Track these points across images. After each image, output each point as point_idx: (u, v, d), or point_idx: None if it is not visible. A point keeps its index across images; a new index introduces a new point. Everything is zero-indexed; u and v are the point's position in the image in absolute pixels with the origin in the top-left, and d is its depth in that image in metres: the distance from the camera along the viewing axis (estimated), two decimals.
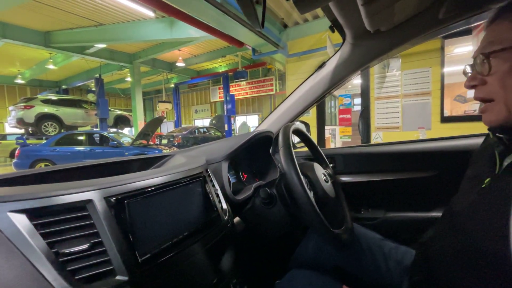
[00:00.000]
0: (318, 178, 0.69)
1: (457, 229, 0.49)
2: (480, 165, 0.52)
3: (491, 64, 0.41)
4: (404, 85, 3.62)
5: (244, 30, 4.18)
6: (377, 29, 0.76)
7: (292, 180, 0.56)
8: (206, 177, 0.60)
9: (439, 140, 0.98)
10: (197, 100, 14.63)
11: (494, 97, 0.42)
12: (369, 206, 1.05)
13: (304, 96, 1.03)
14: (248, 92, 10.61)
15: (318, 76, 0.98)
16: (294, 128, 0.74)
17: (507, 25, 0.40)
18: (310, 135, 1.23)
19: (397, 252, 0.68)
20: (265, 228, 0.75)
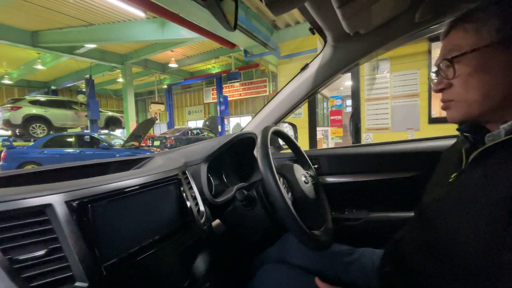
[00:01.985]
0: (297, 179, 0.69)
1: (425, 224, 0.51)
2: (449, 162, 0.55)
3: (455, 68, 0.44)
4: (393, 86, 3.68)
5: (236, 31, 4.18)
6: (356, 31, 0.77)
7: (268, 182, 0.56)
8: (182, 179, 0.60)
9: (420, 141, 1.00)
10: (190, 101, 14.54)
11: (456, 98, 0.45)
12: (352, 207, 1.06)
13: (288, 97, 1.03)
14: (241, 93, 10.61)
15: (302, 78, 0.99)
16: (274, 129, 0.74)
17: (461, 33, 0.44)
18: (296, 137, 1.25)
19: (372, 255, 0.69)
20: (245, 230, 0.74)
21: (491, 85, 0.41)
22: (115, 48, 8.07)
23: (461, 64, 0.43)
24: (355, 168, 1.05)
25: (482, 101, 0.42)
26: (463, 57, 0.43)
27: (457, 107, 0.46)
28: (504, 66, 0.40)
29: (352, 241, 0.89)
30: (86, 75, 8.60)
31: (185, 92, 14.43)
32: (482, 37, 0.41)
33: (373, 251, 0.72)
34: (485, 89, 0.42)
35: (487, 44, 0.41)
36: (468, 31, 0.43)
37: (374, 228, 0.98)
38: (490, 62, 0.41)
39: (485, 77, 0.41)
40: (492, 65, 0.41)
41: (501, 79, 0.41)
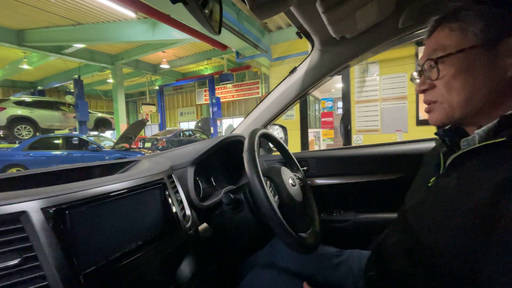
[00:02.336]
0: (284, 182, 0.69)
1: (406, 227, 0.51)
2: (429, 166, 0.55)
3: (439, 69, 0.43)
4: (382, 89, 3.76)
5: (227, 33, 4.18)
6: (342, 36, 0.79)
7: (254, 185, 0.56)
8: (168, 183, 0.59)
9: (407, 143, 1.02)
10: (182, 102, 14.41)
11: (439, 99, 0.45)
12: (341, 208, 1.07)
13: (277, 100, 1.04)
14: (234, 94, 10.59)
15: (291, 81, 1.00)
16: (262, 132, 0.74)
17: (446, 32, 0.43)
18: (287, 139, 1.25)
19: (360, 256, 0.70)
20: (233, 233, 0.74)
21: (474, 88, 0.41)
22: (105, 48, 7.92)
23: (445, 65, 0.43)
24: (344, 170, 1.07)
25: (464, 104, 0.42)
26: (447, 58, 0.42)
27: (439, 109, 0.45)
28: (487, 69, 0.40)
29: (340, 242, 0.90)
30: (75, 75, 8.40)
31: (177, 93, 14.29)
32: (467, 37, 0.40)
33: (361, 252, 0.73)
34: (468, 92, 0.41)
35: (471, 45, 0.40)
36: (454, 30, 0.42)
37: (362, 230, 0.99)
38: (473, 64, 0.40)
39: (468, 79, 0.41)
40: (476, 67, 0.40)
41: (484, 82, 0.40)
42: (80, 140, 5.69)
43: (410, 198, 0.56)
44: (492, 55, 0.39)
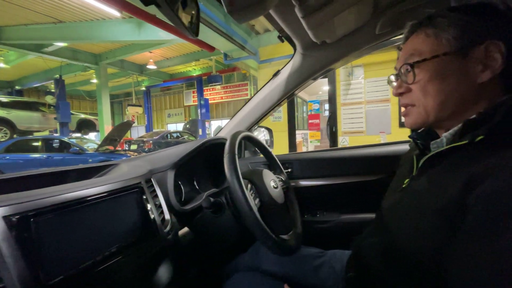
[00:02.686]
0: (266, 184, 0.70)
1: (382, 228, 0.52)
2: (404, 167, 0.57)
3: (415, 73, 0.44)
4: (367, 92, 3.87)
5: (215, 34, 4.16)
6: (323, 40, 0.80)
7: (234, 188, 0.56)
8: (145, 187, 0.58)
9: (388, 145, 1.05)
10: (170, 103, 14.18)
11: (416, 103, 0.46)
12: (324, 209, 1.09)
13: (261, 102, 1.04)
14: (223, 96, 10.55)
15: (274, 84, 1.00)
16: (244, 135, 0.74)
17: (422, 38, 0.45)
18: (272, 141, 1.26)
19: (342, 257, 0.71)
20: (214, 237, 0.73)
21: (447, 92, 0.42)
22: (89, 47, 7.68)
23: (420, 69, 0.44)
24: (328, 172, 1.08)
25: (438, 108, 0.43)
26: (423, 63, 0.43)
27: (415, 112, 0.46)
28: (459, 75, 0.41)
29: (323, 243, 0.91)
30: (56, 75, 8.07)
31: (165, 94, 14.05)
32: (441, 43, 0.42)
33: (343, 252, 0.74)
34: (442, 96, 0.42)
35: (445, 51, 0.41)
36: (429, 36, 0.44)
37: (344, 230, 1.01)
38: (447, 70, 0.42)
39: (442, 84, 0.42)
40: (449, 73, 0.42)
41: (456, 87, 0.42)
42: (61, 143, 5.47)
43: (387, 199, 0.58)
44: (463, 61, 0.41)
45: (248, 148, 1.26)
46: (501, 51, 0.39)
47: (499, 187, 0.32)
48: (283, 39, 0.83)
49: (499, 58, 0.39)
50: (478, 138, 0.37)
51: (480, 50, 0.40)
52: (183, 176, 0.84)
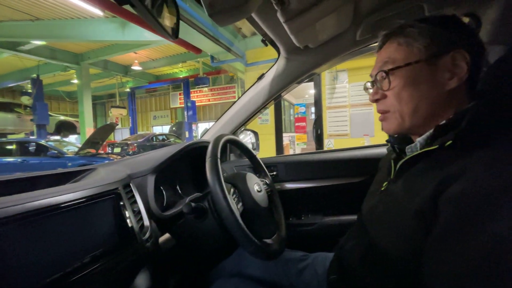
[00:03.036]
0: (249, 188, 0.69)
1: (361, 230, 0.53)
2: (383, 171, 0.59)
3: (390, 80, 0.46)
4: (351, 96, 3.98)
5: (201, 37, 4.14)
6: (306, 45, 0.82)
7: (216, 193, 0.55)
8: (123, 193, 0.55)
9: (369, 148, 1.08)
10: (155, 105, 13.88)
11: (391, 109, 0.48)
12: (309, 212, 1.10)
13: (246, 106, 1.04)
14: (210, 98, 10.46)
15: (259, 87, 1.01)
16: (227, 138, 0.73)
17: (395, 46, 0.47)
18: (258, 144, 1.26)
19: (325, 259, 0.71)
20: (197, 243, 0.71)
21: (419, 99, 0.44)
22: (69, 46, 7.37)
23: (395, 76, 0.46)
24: (313, 174, 1.10)
25: (412, 114, 0.45)
26: (397, 70, 0.45)
27: (392, 118, 0.48)
28: (429, 83, 0.43)
29: (308, 246, 0.92)
30: (33, 74, 7.68)
31: (150, 96, 13.75)
32: (413, 52, 0.44)
33: (326, 255, 0.74)
34: (415, 103, 0.44)
35: (416, 60, 0.43)
36: (402, 44, 0.46)
37: (328, 232, 1.02)
38: (419, 77, 0.44)
39: (414, 91, 0.44)
40: (420, 80, 0.44)
41: (427, 94, 0.44)
42: (38, 146, 5.19)
43: (366, 202, 0.59)
44: (433, 69, 0.43)
45: (233, 151, 1.25)
46: (466, 60, 0.41)
47: (466, 189, 0.33)
48: (266, 43, 0.84)
49: (465, 67, 0.41)
50: (447, 143, 0.39)
51: (448, 59, 0.42)
52: (165, 181, 0.81)
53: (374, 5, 0.69)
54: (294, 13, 0.60)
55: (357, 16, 0.73)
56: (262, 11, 0.63)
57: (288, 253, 0.77)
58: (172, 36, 0.45)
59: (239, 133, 1.18)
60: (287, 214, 1.11)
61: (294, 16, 0.60)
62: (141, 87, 11.36)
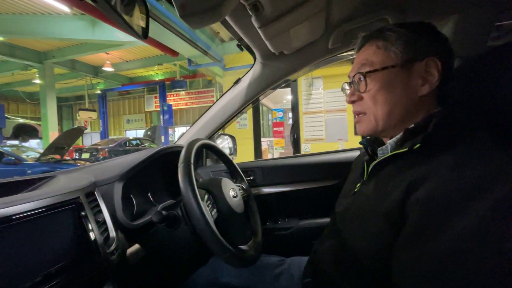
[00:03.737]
0: (224, 194, 0.68)
1: (335, 232, 0.54)
2: (355, 172, 0.60)
3: (367, 83, 0.47)
4: (326, 102, 4.13)
5: (178, 39, 4.05)
6: (281, 51, 0.83)
7: (188, 199, 0.53)
8: (85, 203, 0.51)
9: (343, 152, 1.12)
10: (129, 109, 13.26)
11: (367, 111, 0.49)
12: (285, 216, 1.10)
13: (222, 110, 1.03)
14: (188, 102, 10.24)
15: (235, 91, 1.00)
16: (202, 143, 0.72)
17: (374, 49, 0.48)
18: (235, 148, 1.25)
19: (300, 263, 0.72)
20: (170, 252, 0.68)
21: (394, 103, 0.45)
22: (31, 43, 6.80)
23: (371, 79, 0.46)
24: (289, 178, 1.11)
25: (386, 117, 0.46)
26: (374, 73, 0.46)
27: (366, 120, 0.49)
28: (403, 87, 0.44)
29: (284, 250, 0.92)
30: None
31: (123, 98, 13.11)
32: (390, 56, 0.45)
33: (302, 259, 0.75)
34: (389, 106, 0.45)
35: (393, 64, 0.44)
36: (380, 48, 0.47)
37: (304, 235, 1.03)
38: (394, 82, 0.45)
39: (389, 95, 0.45)
40: (395, 84, 0.45)
41: (401, 98, 0.45)
42: None
43: (340, 203, 0.60)
44: (407, 75, 0.44)
45: (210, 156, 1.23)
46: (437, 67, 0.43)
47: (432, 192, 0.34)
48: (242, 47, 0.84)
49: (436, 74, 0.43)
50: (416, 146, 0.40)
51: (421, 65, 0.44)
52: (135, 188, 0.77)
53: (343, 16, 0.72)
54: (269, 19, 0.60)
55: (329, 26, 0.76)
56: (237, 15, 0.63)
57: (265, 258, 0.77)
58: (141, 37, 0.43)
59: (216, 137, 1.16)
60: (265, 219, 1.10)
61: (268, 22, 0.61)
62: (113, 89, 10.80)
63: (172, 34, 3.72)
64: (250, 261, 0.62)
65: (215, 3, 0.45)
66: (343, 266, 0.49)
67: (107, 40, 5.24)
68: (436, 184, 0.35)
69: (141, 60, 8.56)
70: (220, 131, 1.15)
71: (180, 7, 0.46)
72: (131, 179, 0.70)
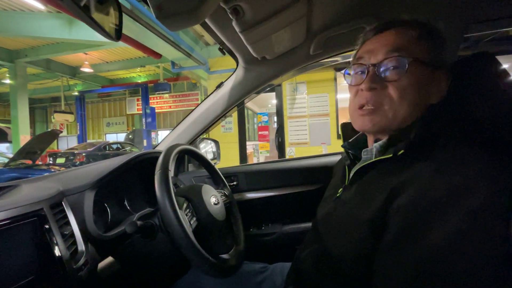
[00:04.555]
0: (205, 201, 0.66)
1: (316, 237, 0.54)
2: (337, 177, 0.60)
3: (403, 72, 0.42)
4: (310, 106, 4.21)
5: (160, 41, 3.97)
6: (263, 56, 0.83)
7: (164, 208, 0.51)
8: (49, 214, 0.47)
9: (326, 156, 1.13)
10: (109, 111, 12.75)
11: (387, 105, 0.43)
12: (269, 221, 1.09)
13: (204, 114, 1.01)
14: (172, 105, 10.02)
15: (217, 95, 0.99)
16: (181, 148, 0.69)
17: (409, 37, 0.42)
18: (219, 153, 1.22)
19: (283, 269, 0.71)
20: (147, 264, 0.65)
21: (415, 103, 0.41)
22: (1, 41, 6.37)
23: (408, 69, 0.40)
24: (272, 183, 1.10)
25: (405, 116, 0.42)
26: (414, 62, 0.40)
27: (382, 114, 0.43)
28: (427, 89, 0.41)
29: (268, 256, 0.90)
30: None
31: (103, 101, 12.60)
32: (425, 51, 0.41)
33: (285, 265, 0.74)
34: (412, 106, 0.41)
35: (428, 61, 0.41)
36: (414, 38, 0.42)
37: (287, 241, 1.03)
38: (423, 80, 0.41)
39: (416, 93, 0.41)
40: (424, 83, 0.41)
41: (421, 101, 0.42)
42: None
43: (322, 208, 0.60)
44: (432, 78, 0.41)
45: (192, 161, 1.20)
46: (447, 81, 0.42)
47: (413, 199, 0.34)
48: (224, 51, 0.83)
49: (445, 87, 0.43)
50: (400, 152, 0.40)
51: (440, 73, 0.42)
52: (110, 196, 0.73)
53: (324, 23, 0.74)
54: (250, 24, 0.60)
55: (310, 32, 0.77)
56: (218, 19, 0.62)
57: (248, 265, 0.75)
58: (113, 38, 0.41)
59: (199, 142, 1.13)
60: (248, 225, 1.09)
61: (249, 27, 0.61)
62: (92, 91, 10.35)
63: (154, 36, 3.64)
64: (231, 271, 0.60)
65: (193, 6, 0.43)
66: (325, 273, 0.48)
67: (85, 40, 5.01)
68: (417, 191, 0.35)
69: (122, 62, 8.29)
70: (204, 136, 1.12)
71: (155, 8, 0.44)
72: (104, 187, 0.66)
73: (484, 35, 3.16)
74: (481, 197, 0.31)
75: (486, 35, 3.08)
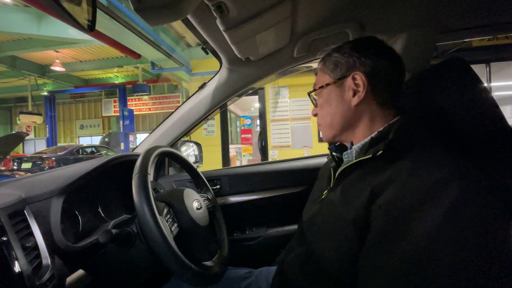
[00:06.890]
0: (187, 206, 0.62)
1: (302, 239, 0.54)
2: (322, 179, 0.61)
3: (316, 99, 0.57)
4: (292, 110, 4.28)
5: (140, 41, 3.83)
6: (247, 57, 0.82)
7: (143, 214, 0.47)
8: (8, 225, 0.42)
9: (309, 158, 1.14)
10: (83, 113, 12.06)
11: (320, 122, 0.57)
12: (253, 225, 1.07)
13: (186, 115, 0.97)
14: (151, 107, 9.69)
15: (200, 96, 0.96)
16: (161, 151, 0.66)
17: (319, 73, 0.56)
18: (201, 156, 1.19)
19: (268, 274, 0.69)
20: (122, 275, 0.60)
21: (333, 114, 0.52)
22: None
23: (318, 96, 0.56)
24: (256, 186, 1.08)
25: (329, 127, 0.54)
26: (318, 91, 0.55)
27: (321, 130, 0.57)
28: (338, 100, 0.51)
29: (253, 261, 0.88)
30: None
31: (76, 102, 11.91)
32: (326, 76, 0.53)
33: (270, 269, 0.72)
34: (330, 118, 0.53)
35: (327, 82, 0.52)
36: (321, 70, 0.55)
37: (272, 245, 1.01)
38: (331, 97, 0.52)
39: (329, 108, 0.53)
40: (332, 99, 0.52)
41: (337, 110, 0.51)
42: None
43: (307, 210, 0.60)
44: (340, 90, 0.51)
45: (173, 164, 1.15)
46: (362, 79, 0.48)
47: (393, 198, 0.35)
48: (207, 51, 0.81)
49: (362, 85, 0.48)
50: (379, 152, 0.42)
51: (349, 80, 0.49)
52: (81, 203, 0.67)
53: (308, 26, 0.74)
54: (234, 22, 0.59)
55: (294, 34, 0.77)
56: (201, 16, 0.60)
57: (232, 271, 0.73)
58: (86, 29, 0.38)
59: (180, 145, 1.09)
60: (232, 229, 1.06)
61: (234, 26, 0.59)
62: (64, 91, 9.73)
63: (133, 35, 3.50)
64: (214, 279, 0.57)
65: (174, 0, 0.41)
66: (310, 275, 0.48)
67: (56, 37, 4.70)
68: (396, 189, 0.36)
69: (98, 61, 7.89)
70: (185, 138, 1.08)
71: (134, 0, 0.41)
72: (75, 193, 0.60)
73: (451, 45, 3.42)
74: (456, 193, 0.32)
75: (454, 45, 3.33)
